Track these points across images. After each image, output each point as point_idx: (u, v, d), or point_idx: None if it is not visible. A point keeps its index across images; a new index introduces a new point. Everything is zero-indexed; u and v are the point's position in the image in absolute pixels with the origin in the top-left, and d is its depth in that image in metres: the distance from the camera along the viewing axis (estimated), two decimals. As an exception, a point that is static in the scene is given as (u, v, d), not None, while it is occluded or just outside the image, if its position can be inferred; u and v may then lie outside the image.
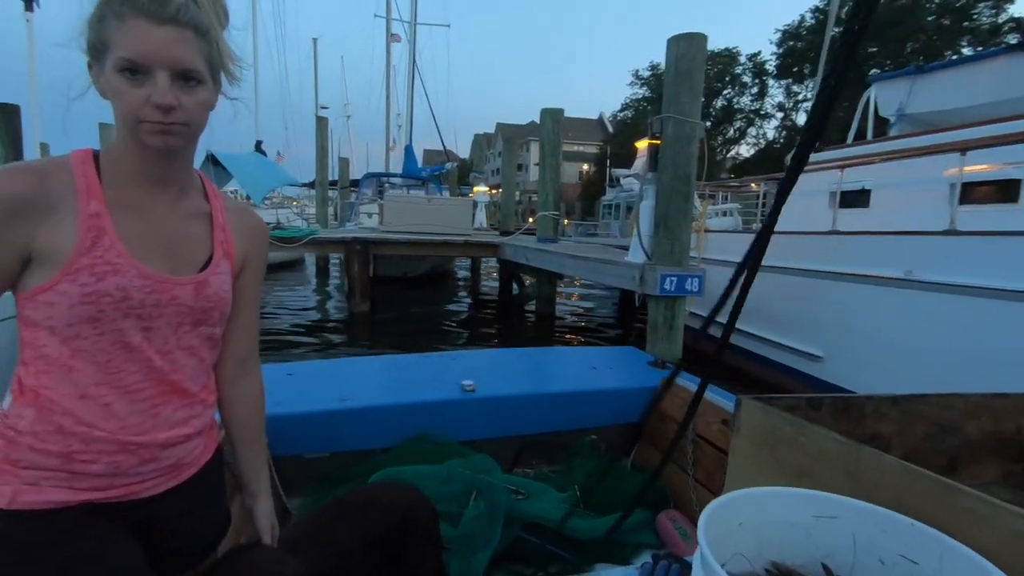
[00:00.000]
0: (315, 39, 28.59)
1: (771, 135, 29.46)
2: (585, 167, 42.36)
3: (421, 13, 19.64)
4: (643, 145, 4.78)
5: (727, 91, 29.88)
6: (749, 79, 29.48)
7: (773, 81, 28.35)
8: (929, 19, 20.67)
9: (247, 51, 20.84)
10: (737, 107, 30.13)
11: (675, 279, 4.16)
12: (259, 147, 16.28)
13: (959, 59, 7.07)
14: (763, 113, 29.59)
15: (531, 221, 10.75)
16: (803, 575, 0.70)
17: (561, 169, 8.55)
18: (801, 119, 23.50)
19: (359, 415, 1.80)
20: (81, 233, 0.72)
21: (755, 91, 29.54)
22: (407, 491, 1.16)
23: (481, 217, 13.83)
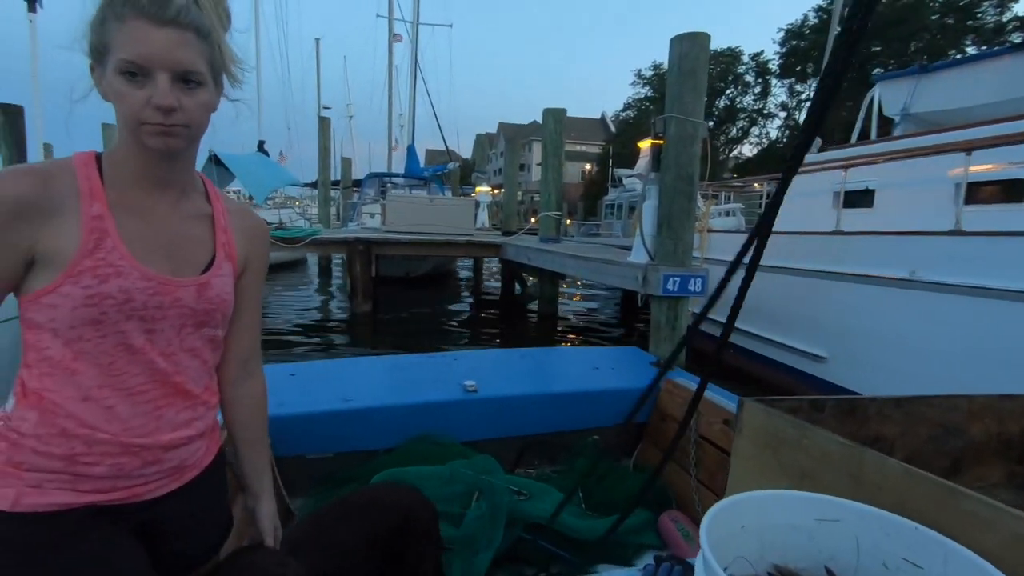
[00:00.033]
0: (317, 39, 28.69)
1: (774, 135, 29.37)
2: (587, 167, 42.25)
3: (423, 13, 19.69)
4: (646, 145, 4.77)
5: (730, 91, 29.76)
6: (752, 78, 29.36)
7: (776, 80, 28.23)
8: (933, 18, 20.54)
9: (250, 52, 20.86)
10: (740, 107, 30.01)
11: (678, 279, 4.15)
12: (262, 147, 16.30)
13: (964, 58, 7.04)
14: (766, 112, 29.49)
15: (533, 221, 10.74)
16: (806, 578, 0.70)
17: (563, 169, 8.54)
18: (803, 118, 23.40)
19: (361, 415, 1.81)
20: (84, 235, 0.72)
21: (758, 90, 29.42)
22: (408, 492, 1.17)
23: (483, 217, 13.82)
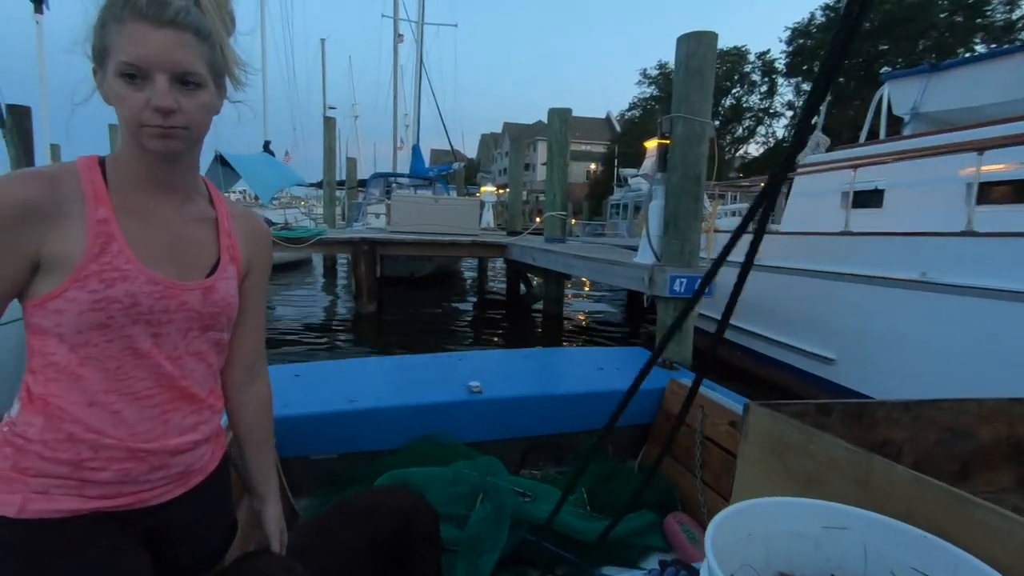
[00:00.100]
0: (323, 40, 28.78)
1: (780, 134, 29.13)
2: (592, 167, 42.15)
3: (428, 13, 19.63)
4: (652, 145, 4.74)
5: (736, 90, 29.60)
6: (758, 78, 29.22)
7: (783, 79, 28.10)
8: (942, 16, 20.35)
9: (255, 53, 20.97)
10: (746, 106, 29.84)
11: (685, 281, 4.13)
12: (267, 147, 16.40)
13: (975, 57, 6.96)
14: (772, 112, 29.31)
15: (538, 221, 10.72)
16: (812, 586, 0.69)
17: (568, 169, 8.52)
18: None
19: (366, 416, 1.81)
20: (90, 239, 0.72)
21: (764, 89, 29.24)
22: (409, 495, 1.18)
23: (488, 217, 13.82)
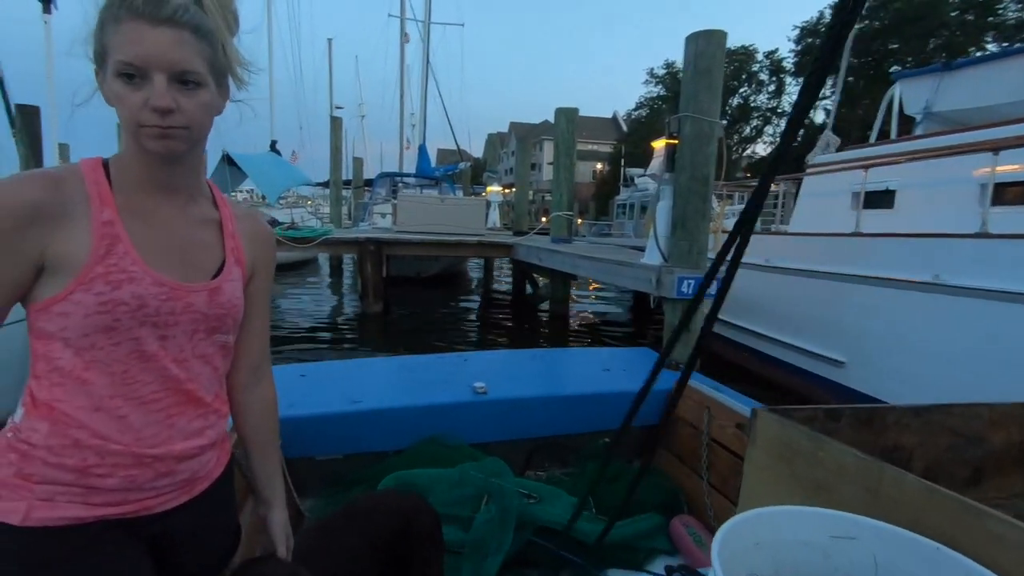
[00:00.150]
0: (330, 39, 28.90)
1: (788, 134, 28.93)
2: (599, 166, 42.04)
3: (435, 12, 19.71)
4: (660, 145, 4.73)
5: (743, 89, 29.45)
6: (766, 77, 29.05)
7: (791, 79, 27.88)
8: (952, 14, 20.13)
9: (262, 53, 21.04)
10: (754, 105, 29.68)
11: (693, 282, 4.10)
12: (274, 147, 16.45)
13: (988, 55, 6.88)
14: (780, 111, 29.04)
15: (544, 220, 10.71)
16: (821, 596, 0.68)
17: (575, 168, 8.50)
18: (819, 117, 23.05)
19: (371, 417, 1.81)
20: (95, 241, 0.71)
21: (772, 89, 29.08)
22: (409, 497, 1.18)
23: (494, 217, 13.82)
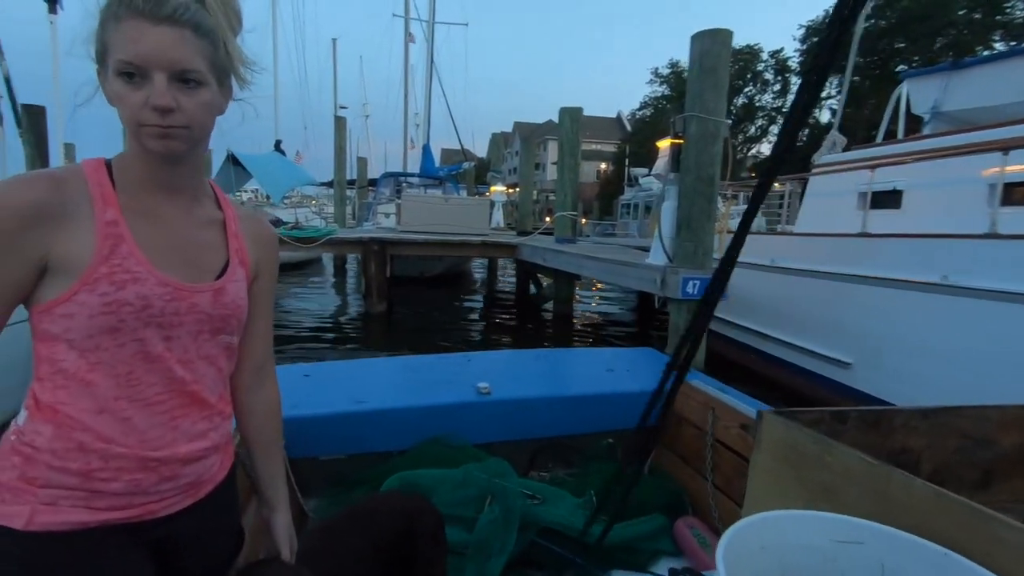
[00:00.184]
0: (334, 39, 29.00)
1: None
2: (603, 166, 41.98)
3: (439, 12, 19.70)
4: (665, 144, 4.69)
5: (748, 88, 29.33)
6: (771, 76, 28.93)
7: (796, 78, 27.78)
8: (960, 13, 19.99)
9: (267, 53, 21.15)
10: (759, 105, 29.55)
11: (698, 282, 4.09)
12: (278, 147, 16.50)
13: (997, 54, 6.82)
14: (785, 111, 28.93)
15: (548, 220, 10.70)
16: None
17: (579, 168, 8.49)
18: (825, 117, 22.95)
19: (375, 417, 1.81)
20: (99, 241, 0.71)
21: (777, 88, 28.94)
22: (412, 497, 1.19)
23: (498, 217, 13.83)
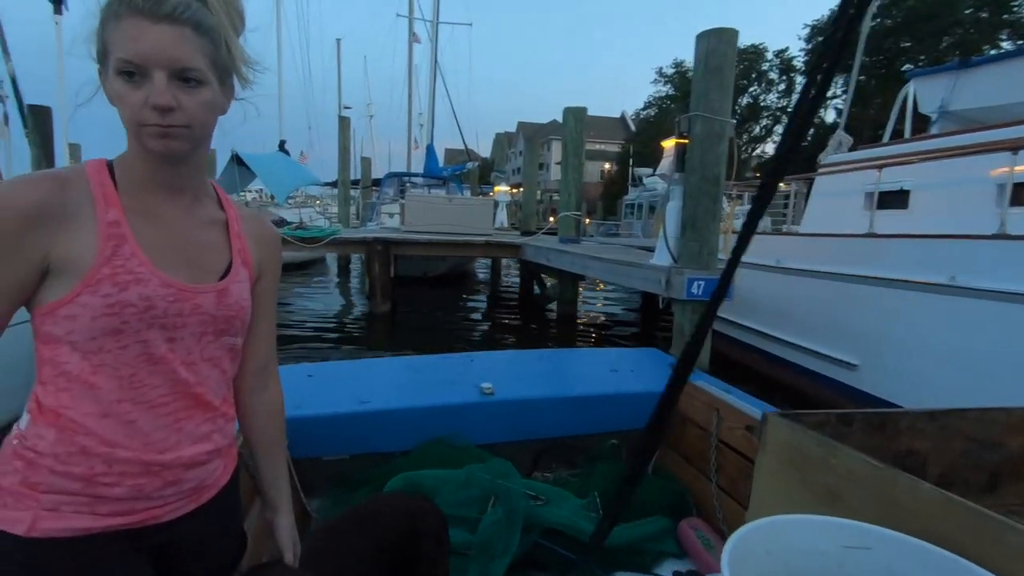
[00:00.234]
0: (338, 40, 29.11)
1: (798, 133, 28.71)
2: (607, 166, 41.94)
3: (443, 12, 19.76)
4: (670, 144, 4.67)
5: (753, 88, 29.23)
6: (776, 76, 28.82)
7: (801, 78, 27.65)
8: (967, 12, 19.86)
9: (271, 53, 21.21)
10: (763, 104, 29.46)
11: (703, 283, 4.07)
12: (283, 147, 16.57)
13: (1006, 53, 6.77)
14: (790, 111, 28.80)
15: (552, 220, 10.71)
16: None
17: (583, 168, 8.47)
18: (830, 116, 22.84)
19: (378, 418, 1.81)
20: (101, 242, 0.70)
21: (782, 88, 28.84)
22: (415, 498, 1.19)
23: (502, 217, 13.84)
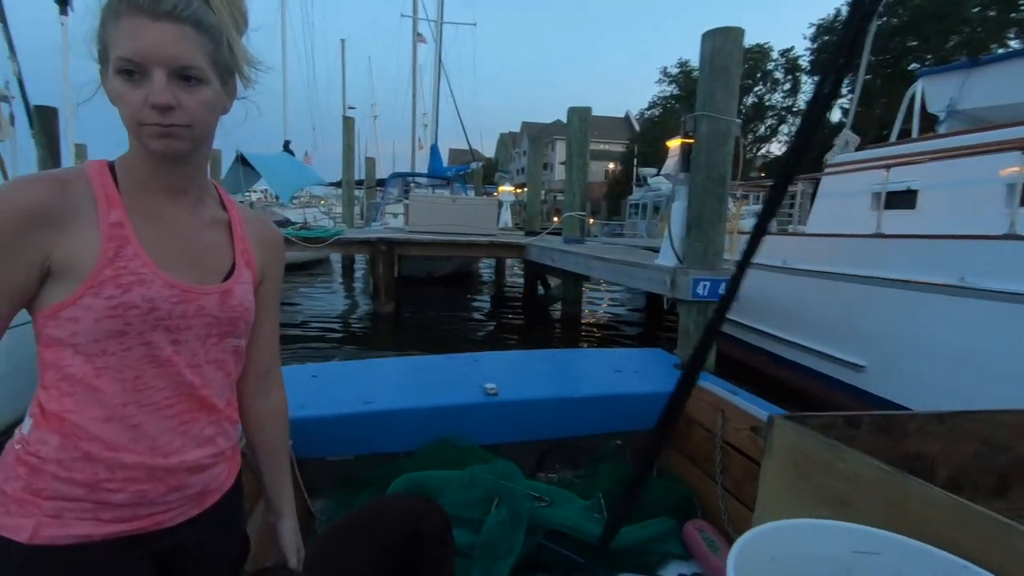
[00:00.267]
0: (343, 40, 29.27)
1: (804, 132, 28.58)
2: (611, 166, 41.90)
3: (447, 12, 19.79)
4: (675, 144, 4.65)
5: (758, 88, 29.12)
6: (781, 75, 28.70)
7: (806, 77, 27.50)
8: (974, 11, 19.70)
9: (276, 53, 21.26)
10: (768, 104, 29.34)
11: (708, 283, 4.05)
12: (287, 147, 16.59)
13: (1016, 51, 6.70)
14: (796, 110, 28.61)
15: (556, 220, 10.70)
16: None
17: (588, 168, 8.46)
18: (835, 116, 22.72)
19: (382, 418, 1.81)
20: (103, 243, 0.70)
21: (787, 87, 28.72)
22: (419, 499, 1.19)
23: (506, 217, 13.82)
